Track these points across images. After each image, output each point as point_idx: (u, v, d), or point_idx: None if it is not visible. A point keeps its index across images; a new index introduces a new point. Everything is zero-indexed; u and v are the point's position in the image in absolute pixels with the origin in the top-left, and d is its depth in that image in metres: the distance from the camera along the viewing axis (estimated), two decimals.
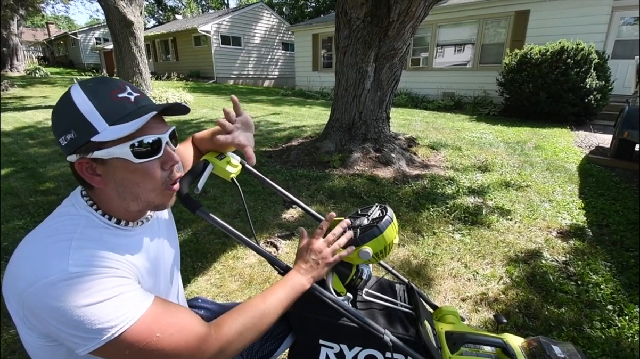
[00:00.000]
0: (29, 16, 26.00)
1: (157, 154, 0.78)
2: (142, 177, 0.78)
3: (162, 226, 1.00)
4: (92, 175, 0.77)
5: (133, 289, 0.73)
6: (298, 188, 4.21)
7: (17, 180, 4.40)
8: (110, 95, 0.74)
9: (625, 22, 9.70)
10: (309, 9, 37.26)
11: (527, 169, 4.97)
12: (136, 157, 0.75)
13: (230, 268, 2.64)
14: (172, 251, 1.04)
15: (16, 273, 0.68)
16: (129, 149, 0.74)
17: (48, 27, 37.06)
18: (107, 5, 9.57)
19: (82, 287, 0.66)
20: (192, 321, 0.77)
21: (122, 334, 0.67)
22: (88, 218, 0.78)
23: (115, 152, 0.74)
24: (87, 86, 0.74)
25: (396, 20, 4.58)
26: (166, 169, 0.81)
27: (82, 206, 0.80)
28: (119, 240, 0.80)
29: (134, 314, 0.69)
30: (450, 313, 1.32)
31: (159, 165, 0.80)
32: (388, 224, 1.08)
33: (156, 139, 0.78)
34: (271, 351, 1.11)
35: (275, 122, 8.53)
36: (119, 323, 0.67)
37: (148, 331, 0.70)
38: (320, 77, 16.11)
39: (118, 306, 0.68)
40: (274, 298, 0.90)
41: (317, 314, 1.06)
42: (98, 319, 0.65)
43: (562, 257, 2.81)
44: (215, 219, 1.00)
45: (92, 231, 0.77)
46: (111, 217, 0.81)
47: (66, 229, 0.74)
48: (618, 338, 2.00)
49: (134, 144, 0.74)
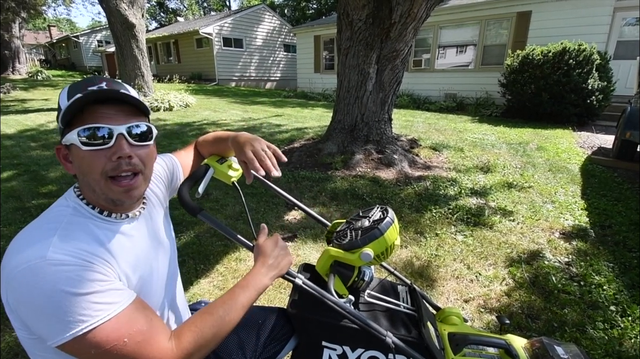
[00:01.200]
0: (31, 19, 26.09)
1: (105, 144, 0.77)
2: (88, 166, 0.78)
3: (155, 224, 1.00)
4: (65, 161, 0.83)
5: (110, 288, 0.72)
6: (300, 190, 4.21)
7: (19, 183, 4.42)
8: (82, 87, 0.78)
9: (627, 22, 9.67)
10: (310, 10, 37.31)
11: (529, 170, 4.96)
12: (83, 144, 0.76)
13: (233, 270, 2.65)
14: (167, 251, 1.03)
15: (5, 263, 0.70)
16: (76, 136, 0.75)
17: (50, 30, 37.24)
18: (109, 8, 9.62)
19: (59, 275, 0.66)
20: (160, 334, 0.76)
21: (90, 331, 0.67)
22: (75, 209, 0.81)
23: (69, 138, 0.77)
24: (72, 84, 0.81)
25: (398, 21, 4.59)
26: (113, 160, 0.78)
27: (71, 198, 0.83)
28: (102, 232, 0.80)
29: (106, 313, 0.69)
30: (453, 314, 1.33)
31: (108, 156, 0.77)
32: (389, 226, 1.08)
33: (107, 129, 0.76)
34: (275, 353, 1.11)
35: (278, 124, 8.54)
36: (89, 319, 0.67)
37: (117, 333, 0.69)
38: (322, 78, 16.12)
39: (92, 302, 0.68)
40: (236, 304, 0.86)
41: (320, 316, 1.06)
42: (70, 312, 0.65)
43: (565, 258, 2.81)
44: (217, 222, 1.01)
45: (78, 221, 0.79)
46: (95, 207, 0.83)
47: (54, 218, 0.77)
48: (621, 338, 1.99)
49: (80, 131, 0.75)
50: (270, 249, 1.00)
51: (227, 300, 0.87)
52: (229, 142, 1.12)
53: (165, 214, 1.09)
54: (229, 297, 0.88)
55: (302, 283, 0.99)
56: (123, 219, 0.87)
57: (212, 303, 0.87)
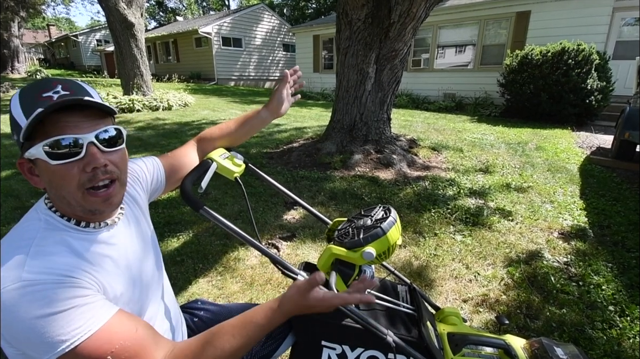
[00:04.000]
0: (30, 18, 26.13)
1: (75, 156, 0.72)
2: (61, 180, 0.73)
3: (135, 227, 0.97)
4: (31, 175, 0.77)
5: (90, 302, 0.69)
6: (299, 189, 4.21)
7: (18, 182, 4.41)
8: (38, 94, 0.72)
9: (626, 22, 9.69)
10: (309, 10, 37.29)
11: (528, 170, 4.97)
12: (50, 158, 0.71)
13: (232, 269, 2.64)
14: (150, 253, 1.00)
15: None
16: (42, 150, 0.70)
17: (49, 29, 37.17)
18: (108, 7, 9.60)
19: (35, 296, 0.64)
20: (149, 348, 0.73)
21: (73, 349, 0.65)
22: (47, 221, 0.77)
23: (34, 152, 0.71)
24: (22, 90, 0.75)
25: (397, 21, 4.59)
26: (87, 171, 0.74)
27: (42, 210, 0.79)
28: (80, 244, 0.77)
29: (87, 330, 0.66)
30: (452, 314, 1.33)
31: (81, 167, 0.73)
32: (392, 225, 1.08)
33: (73, 139, 0.71)
34: (271, 351, 1.11)
35: (276, 123, 8.54)
36: (70, 338, 0.64)
37: (100, 350, 0.67)
38: (321, 78, 16.11)
39: (71, 319, 0.65)
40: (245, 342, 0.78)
41: (319, 315, 1.06)
42: (49, 333, 0.63)
43: (564, 258, 2.81)
44: (220, 218, 1.00)
45: (52, 234, 0.75)
46: (70, 218, 0.79)
47: (27, 234, 0.73)
48: (619, 338, 2.00)
49: (46, 144, 0.70)
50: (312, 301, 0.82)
51: (237, 335, 0.78)
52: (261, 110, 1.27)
53: (144, 214, 1.05)
54: (240, 332, 0.79)
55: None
56: (102, 227, 0.83)
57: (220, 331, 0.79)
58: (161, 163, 1.16)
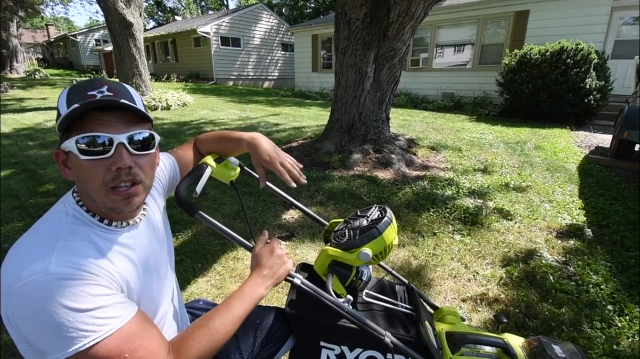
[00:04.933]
0: (29, 18, 26.03)
1: (104, 154, 0.75)
2: (87, 176, 0.76)
3: (153, 227, 0.98)
4: (64, 167, 0.80)
5: (113, 303, 0.71)
6: (298, 189, 4.21)
7: (17, 182, 4.40)
8: (82, 91, 0.76)
9: (625, 22, 9.70)
10: (308, 9, 37.27)
11: (527, 169, 4.97)
12: (81, 153, 0.74)
13: (231, 269, 2.64)
14: (165, 254, 1.02)
15: (4, 274, 0.68)
16: (74, 144, 0.73)
17: (47, 29, 37.10)
18: (106, 7, 9.58)
19: (61, 291, 0.65)
20: (160, 347, 0.76)
21: (92, 347, 0.66)
22: (74, 216, 0.79)
23: (68, 145, 0.75)
24: (71, 86, 0.79)
25: (396, 20, 4.59)
26: (112, 170, 0.76)
27: (70, 204, 0.81)
28: (103, 242, 0.79)
29: (109, 329, 0.68)
30: (450, 313, 1.33)
31: (107, 166, 0.76)
32: (387, 225, 1.08)
33: (108, 138, 0.75)
34: (272, 353, 1.11)
35: (275, 123, 8.53)
36: (91, 334, 0.66)
37: (118, 349, 0.69)
38: (320, 78, 16.11)
39: (95, 317, 0.67)
40: (232, 315, 0.87)
41: (318, 316, 1.06)
42: (71, 327, 0.64)
43: (562, 258, 2.81)
44: (214, 222, 1.00)
45: (79, 229, 0.77)
46: (95, 214, 0.81)
47: (54, 228, 0.75)
48: (618, 337, 2.00)
49: (78, 139, 0.73)
50: (266, 258, 1.01)
51: (222, 312, 0.87)
52: (243, 144, 1.12)
53: (163, 215, 1.08)
54: (225, 309, 0.88)
55: (300, 283, 0.99)
56: (123, 227, 0.85)
57: (208, 315, 0.87)
58: (174, 159, 1.18)
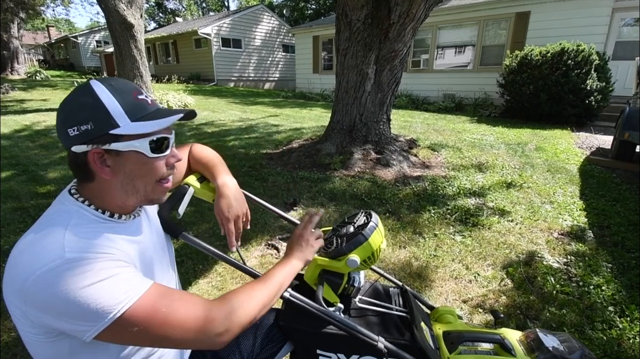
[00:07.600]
0: (30, 19, 26.07)
1: (166, 151, 0.86)
2: (149, 171, 0.84)
3: (151, 223, 1.00)
4: (102, 166, 0.80)
5: (132, 271, 0.75)
6: (299, 190, 4.21)
7: (17, 183, 4.40)
8: (132, 94, 0.81)
9: (626, 23, 9.69)
10: (309, 11, 37.31)
11: (527, 170, 4.97)
12: (152, 152, 0.82)
13: (231, 270, 2.64)
14: (165, 251, 1.04)
15: (14, 271, 0.69)
16: (147, 144, 0.81)
17: (48, 30, 37.18)
18: (107, 8, 9.59)
19: (81, 270, 0.67)
20: (195, 296, 0.80)
21: (127, 311, 0.68)
22: (78, 212, 0.80)
23: (136, 145, 0.79)
24: (109, 84, 0.79)
25: (397, 22, 4.59)
26: (169, 164, 0.89)
27: (70, 202, 0.82)
28: (111, 231, 0.81)
29: (137, 290, 0.71)
30: (447, 312, 1.33)
31: (165, 161, 0.87)
32: (373, 230, 1.09)
33: (167, 138, 0.85)
34: (272, 354, 1.11)
35: (276, 124, 8.54)
36: (122, 299, 0.68)
37: (154, 306, 0.71)
38: (321, 79, 16.13)
39: (119, 283, 0.69)
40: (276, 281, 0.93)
41: (311, 327, 1.06)
42: (101, 299, 0.66)
43: (563, 259, 2.81)
44: (200, 242, 1.00)
45: (84, 222, 0.79)
46: (104, 211, 0.83)
47: (59, 220, 0.76)
48: (619, 339, 2.00)
49: (153, 140, 0.81)
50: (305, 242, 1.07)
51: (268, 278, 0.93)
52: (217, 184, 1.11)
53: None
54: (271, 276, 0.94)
55: (289, 295, 0.97)
56: (131, 219, 0.90)
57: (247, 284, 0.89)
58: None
